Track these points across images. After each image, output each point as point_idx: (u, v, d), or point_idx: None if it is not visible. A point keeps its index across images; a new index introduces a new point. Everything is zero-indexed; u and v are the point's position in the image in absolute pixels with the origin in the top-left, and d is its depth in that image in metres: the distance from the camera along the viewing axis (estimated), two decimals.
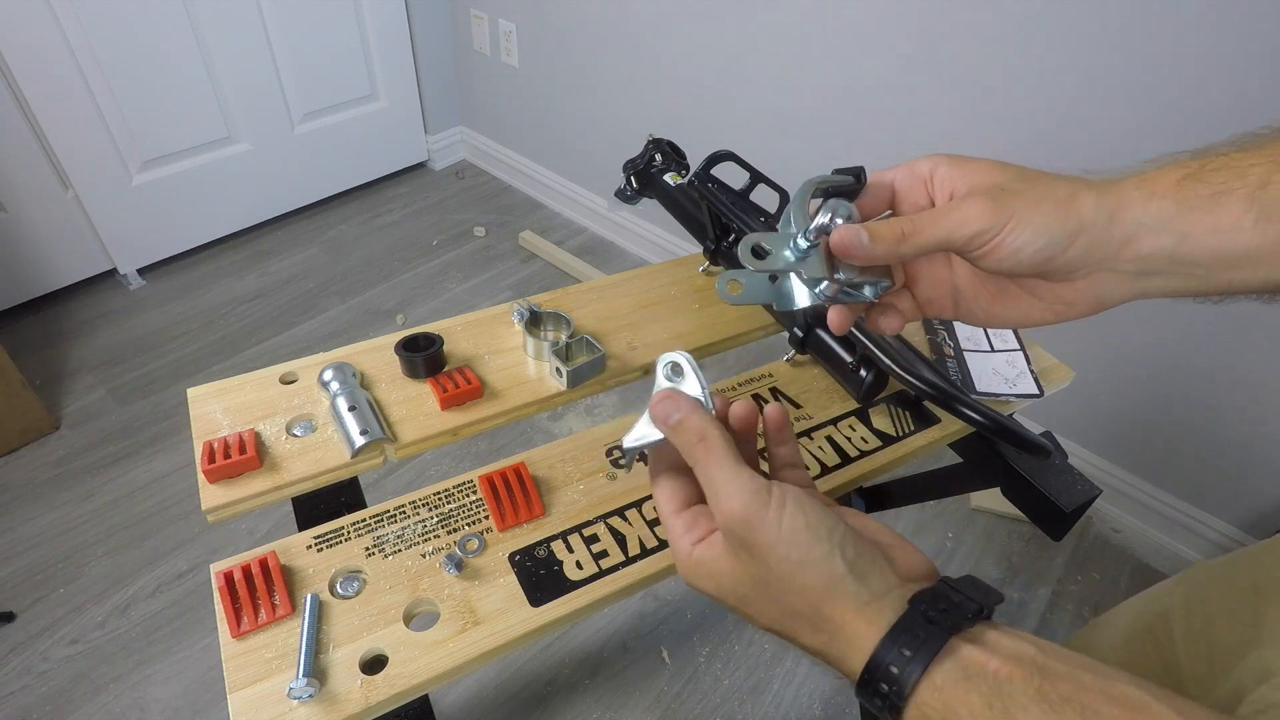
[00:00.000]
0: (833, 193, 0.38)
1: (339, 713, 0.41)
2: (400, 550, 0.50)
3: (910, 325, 0.71)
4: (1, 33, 1.36)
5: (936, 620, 0.31)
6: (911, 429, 0.62)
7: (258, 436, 0.55)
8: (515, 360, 0.64)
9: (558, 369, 0.60)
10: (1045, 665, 0.29)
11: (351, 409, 0.55)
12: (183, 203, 1.75)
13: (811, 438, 0.60)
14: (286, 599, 0.46)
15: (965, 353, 0.68)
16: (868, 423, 0.62)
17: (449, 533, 0.51)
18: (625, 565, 0.50)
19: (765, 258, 0.38)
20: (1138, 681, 0.27)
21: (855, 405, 0.63)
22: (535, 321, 0.65)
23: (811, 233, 0.37)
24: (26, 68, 1.41)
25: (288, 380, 0.60)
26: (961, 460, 0.71)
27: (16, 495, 1.29)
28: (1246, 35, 0.91)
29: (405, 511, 0.52)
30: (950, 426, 0.62)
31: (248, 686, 0.42)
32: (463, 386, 0.58)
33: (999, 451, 0.65)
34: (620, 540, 0.52)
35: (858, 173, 0.39)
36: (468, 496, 0.53)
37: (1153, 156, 0.36)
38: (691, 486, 0.39)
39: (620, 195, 0.81)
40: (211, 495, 0.51)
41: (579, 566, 0.50)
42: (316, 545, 0.49)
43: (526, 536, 0.51)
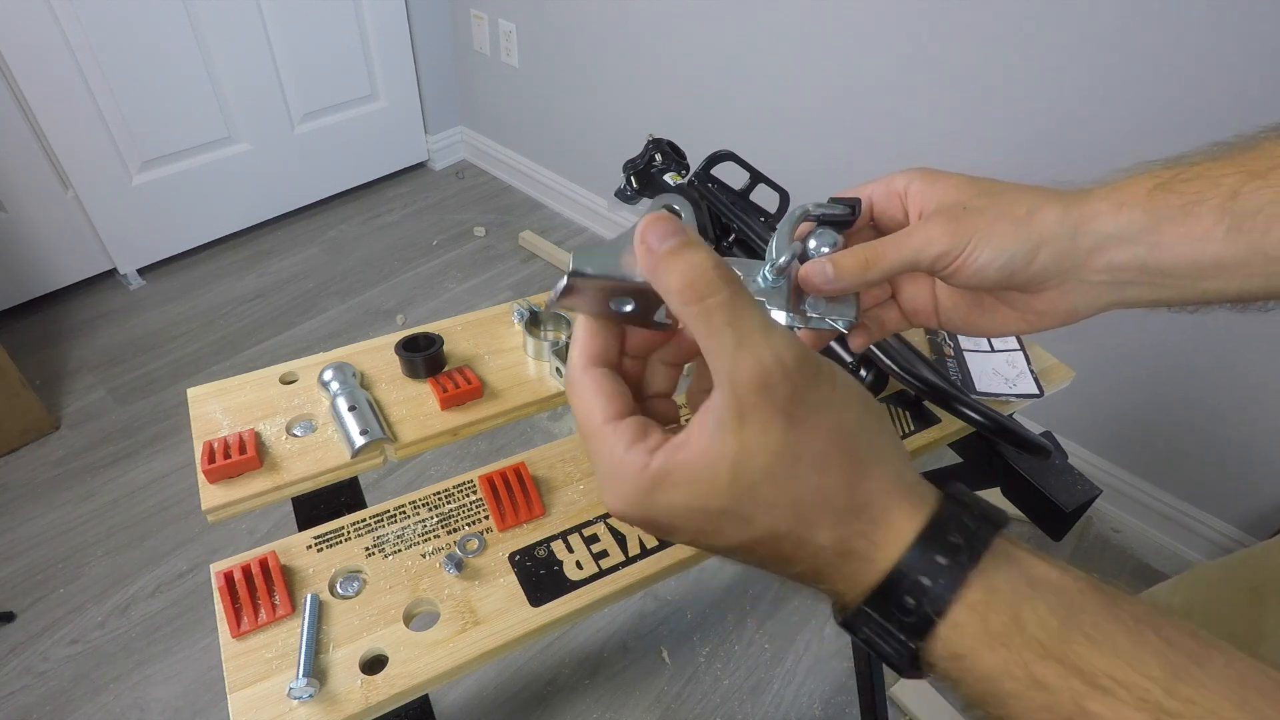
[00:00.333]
0: (825, 221, 0.38)
1: (339, 713, 0.41)
2: (400, 550, 0.50)
3: None
4: (1, 33, 1.36)
5: (984, 515, 0.26)
6: (911, 429, 0.62)
7: (258, 436, 0.55)
8: (515, 360, 0.64)
9: (558, 369, 0.60)
10: (1102, 586, 0.25)
11: (351, 409, 0.55)
12: (183, 203, 1.75)
13: None
14: (286, 599, 0.46)
15: (965, 353, 0.68)
16: None
17: (449, 533, 0.51)
18: (625, 565, 0.50)
19: None
20: (1202, 630, 0.24)
21: None
22: (535, 321, 0.65)
23: (773, 270, 0.36)
24: (26, 68, 1.41)
25: (288, 380, 0.60)
26: (961, 460, 0.71)
27: (16, 495, 1.29)
28: (1246, 35, 0.91)
29: (405, 511, 0.52)
30: (950, 426, 0.62)
31: (248, 686, 0.42)
32: (463, 386, 0.58)
33: (999, 451, 0.65)
34: (620, 540, 0.52)
35: (854, 204, 0.38)
36: (468, 496, 0.53)
37: (1131, 163, 0.36)
38: (628, 394, 0.29)
39: (620, 195, 0.81)
40: (211, 495, 0.51)
41: (579, 566, 0.50)
42: (316, 545, 0.49)
43: (526, 536, 0.51)
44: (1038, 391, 0.64)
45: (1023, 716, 0.23)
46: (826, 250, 0.36)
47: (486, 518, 0.52)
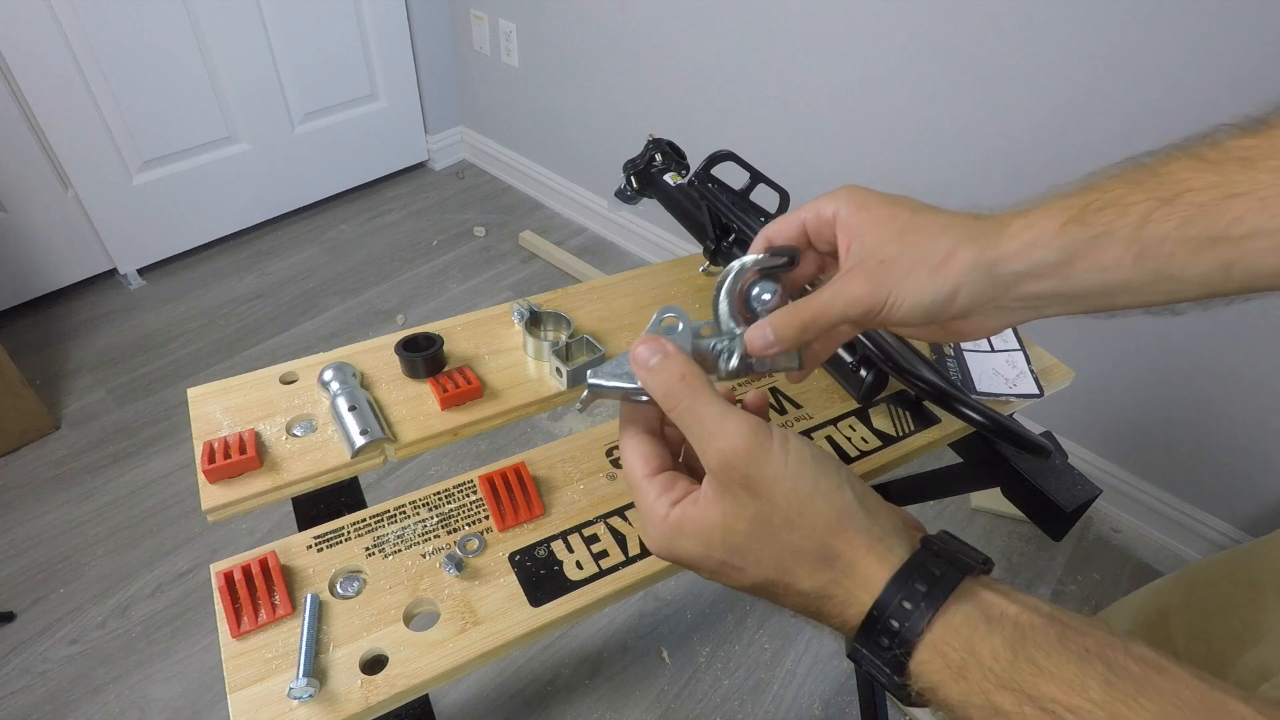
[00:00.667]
0: (765, 274, 0.40)
1: (339, 713, 0.41)
2: (400, 550, 0.50)
3: None
4: (1, 33, 1.36)
5: (952, 560, 0.30)
6: (911, 429, 0.62)
7: (258, 436, 0.55)
8: (515, 360, 0.64)
9: (558, 369, 0.60)
10: (1062, 619, 0.28)
11: (351, 409, 0.55)
12: (183, 203, 1.75)
13: (811, 438, 0.60)
14: (286, 599, 0.46)
15: (965, 353, 0.68)
16: (868, 423, 0.62)
17: (449, 533, 0.51)
18: (625, 565, 0.50)
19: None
20: (1150, 644, 0.27)
21: (855, 405, 0.63)
22: (535, 321, 0.65)
23: (726, 336, 0.39)
24: (26, 68, 1.41)
25: (288, 380, 0.60)
26: (961, 460, 0.71)
27: (16, 495, 1.29)
28: (1243, 24, 0.91)
29: (405, 511, 0.52)
30: (950, 426, 0.62)
31: (248, 686, 0.42)
32: (463, 386, 0.58)
33: (999, 451, 0.65)
34: (620, 540, 0.52)
35: (792, 253, 0.40)
36: (468, 496, 0.53)
37: (1045, 190, 0.37)
38: (665, 453, 0.37)
39: (620, 195, 0.81)
40: (211, 495, 0.51)
41: (579, 566, 0.50)
42: (316, 545, 0.49)
43: (526, 536, 0.51)
44: (1038, 391, 0.64)
45: None
46: (768, 298, 0.40)
47: (486, 518, 0.52)
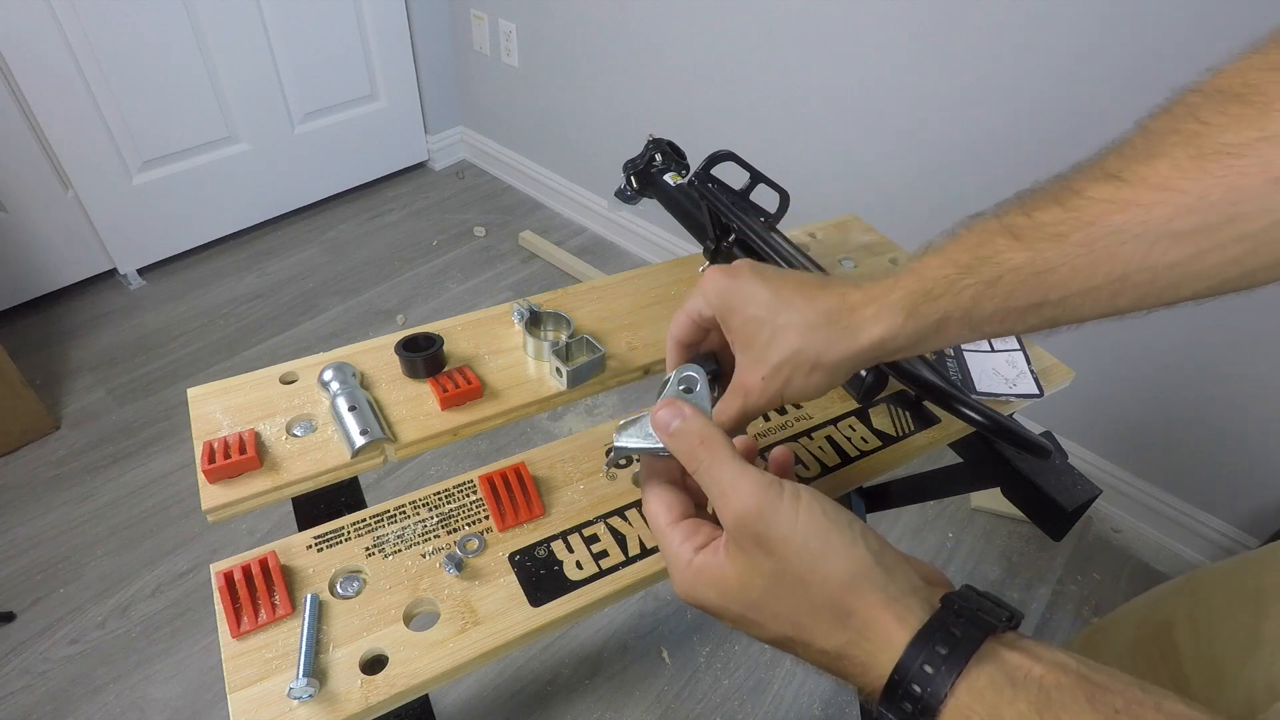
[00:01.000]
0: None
1: (339, 713, 0.41)
2: (400, 550, 0.50)
3: None
4: (1, 33, 1.36)
5: (973, 620, 0.29)
6: (911, 429, 0.62)
7: (258, 436, 0.55)
8: (515, 360, 0.64)
9: (558, 369, 0.60)
10: (1091, 676, 0.27)
11: (351, 409, 0.55)
12: (183, 203, 1.75)
13: (811, 438, 0.60)
14: (286, 599, 0.46)
15: (965, 353, 0.68)
16: (868, 423, 0.62)
17: (449, 533, 0.51)
18: (625, 565, 0.50)
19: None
20: (1186, 700, 0.27)
21: (855, 405, 0.63)
22: (535, 321, 0.65)
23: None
24: (26, 68, 1.41)
25: (288, 380, 0.60)
26: (961, 460, 0.71)
27: (16, 495, 1.29)
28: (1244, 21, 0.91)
29: (405, 511, 0.52)
30: (950, 426, 0.62)
31: (248, 686, 0.42)
32: (463, 386, 0.58)
33: (999, 451, 0.65)
34: (620, 540, 0.52)
35: (716, 361, 0.45)
36: (468, 496, 0.53)
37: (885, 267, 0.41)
38: (687, 500, 0.38)
39: (620, 195, 0.81)
40: (211, 495, 0.51)
41: (579, 566, 0.50)
42: (316, 545, 0.49)
43: (526, 536, 0.51)
44: (1038, 391, 0.64)
45: None
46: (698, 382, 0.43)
47: (486, 518, 0.52)
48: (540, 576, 0.49)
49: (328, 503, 0.55)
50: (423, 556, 0.49)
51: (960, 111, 1.21)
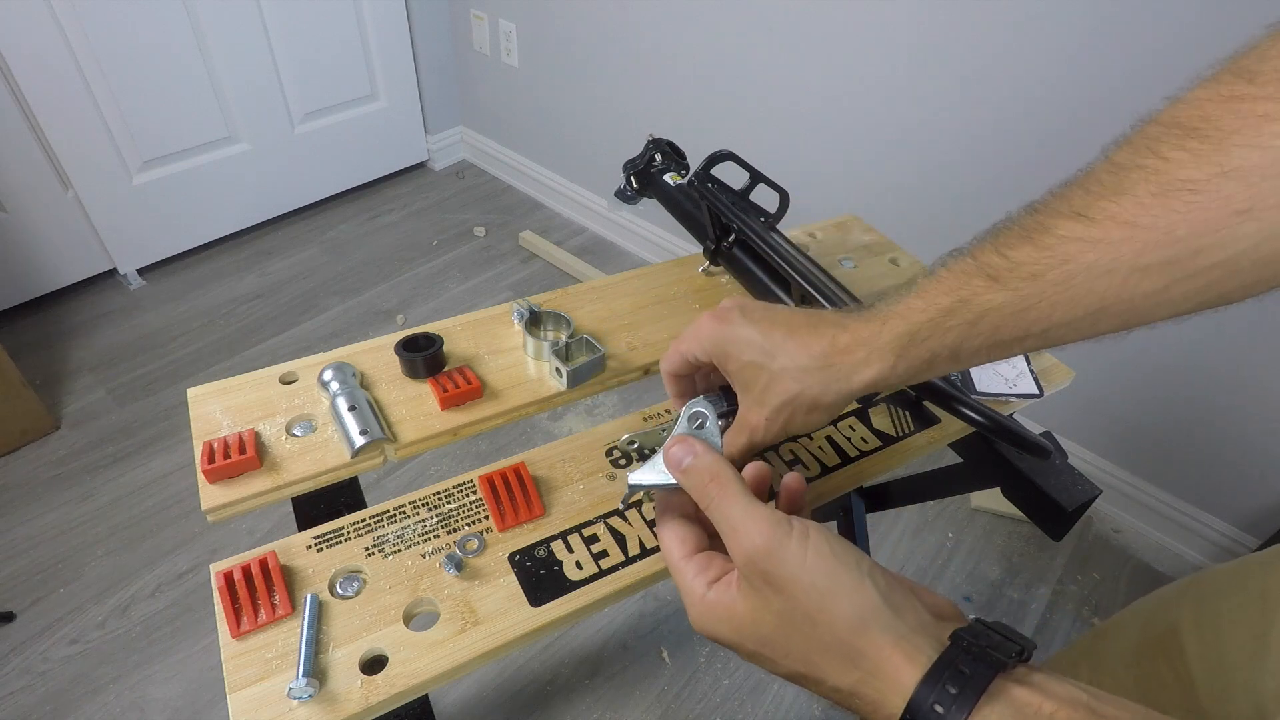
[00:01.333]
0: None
1: (339, 713, 0.41)
2: (400, 550, 0.50)
3: None
4: (2, 33, 1.36)
5: (982, 657, 0.29)
6: (911, 429, 0.62)
7: (258, 436, 0.55)
8: (515, 360, 0.63)
9: (558, 369, 0.60)
10: (1101, 710, 0.27)
11: (351, 409, 0.55)
12: (183, 203, 1.75)
13: (811, 438, 0.60)
14: (286, 599, 0.46)
15: None
16: (868, 423, 0.62)
17: (449, 533, 0.51)
18: (625, 565, 0.50)
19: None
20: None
21: (855, 405, 0.63)
22: (535, 321, 0.65)
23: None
24: (26, 68, 1.41)
25: (288, 380, 0.60)
26: (961, 460, 0.71)
27: (16, 495, 1.29)
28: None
29: (405, 511, 0.52)
30: (950, 426, 0.62)
31: (248, 686, 0.42)
32: (463, 386, 0.58)
33: (999, 451, 0.65)
34: (620, 540, 0.52)
35: (731, 399, 0.46)
36: (468, 496, 0.53)
37: (873, 295, 0.43)
38: (701, 534, 0.39)
39: (620, 195, 0.81)
40: (211, 495, 0.51)
41: (579, 566, 0.50)
42: (316, 545, 0.49)
43: (526, 536, 0.51)
44: (1038, 391, 0.64)
45: None
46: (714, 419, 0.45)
47: (486, 518, 0.52)
48: (540, 576, 0.49)
49: (328, 503, 0.55)
50: (423, 556, 0.49)
51: (960, 111, 1.21)
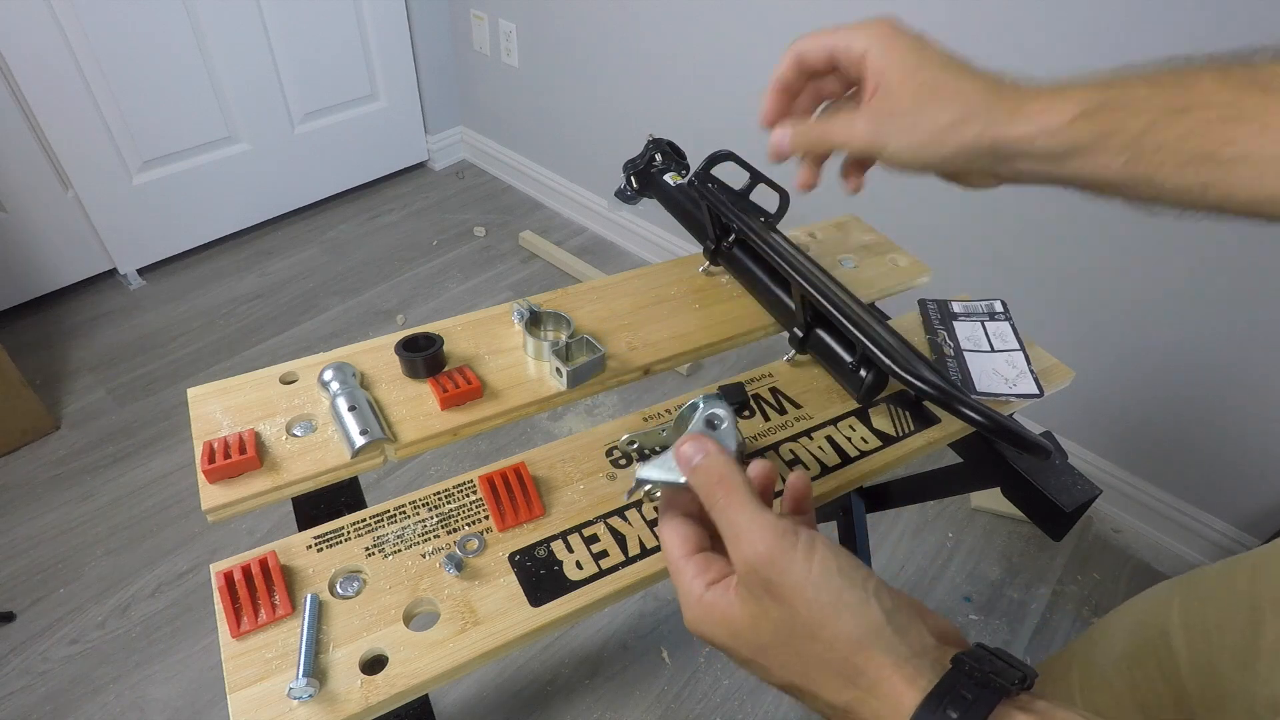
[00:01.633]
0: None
1: (339, 713, 0.41)
2: (400, 550, 0.50)
3: (910, 325, 0.71)
4: (2, 33, 1.36)
5: (985, 683, 0.28)
6: (911, 429, 0.62)
7: (258, 436, 0.55)
8: (515, 360, 0.63)
9: (558, 369, 0.60)
10: None
11: (351, 409, 0.55)
12: (183, 203, 1.75)
13: (811, 438, 0.60)
14: (286, 599, 0.46)
15: (965, 353, 0.68)
16: (868, 423, 0.62)
17: (449, 533, 0.51)
18: (625, 565, 0.50)
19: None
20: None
21: (855, 405, 0.63)
22: (535, 321, 0.65)
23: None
24: (26, 68, 1.41)
25: (288, 380, 0.60)
26: (961, 460, 0.71)
27: (16, 495, 1.29)
28: (1249, 14, 0.91)
29: (405, 511, 0.52)
30: (950, 426, 0.62)
31: (248, 686, 0.42)
32: (463, 386, 0.58)
33: (999, 451, 0.65)
34: (620, 540, 0.52)
35: (742, 400, 0.48)
36: (468, 496, 0.53)
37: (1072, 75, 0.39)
38: (703, 534, 0.38)
39: (620, 195, 0.81)
40: (211, 495, 0.51)
41: (579, 566, 0.50)
42: (316, 545, 0.49)
43: (526, 536, 0.51)
44: (1038, 391, 0.64)
45: None
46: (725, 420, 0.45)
47: (486, 518, 0.52)
48: (540, 576, 0.49)
49: (328, 503, 0.55)
50: (423, 556, 0.49)
51: None
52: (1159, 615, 0.60)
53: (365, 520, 0.51)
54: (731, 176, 0.71)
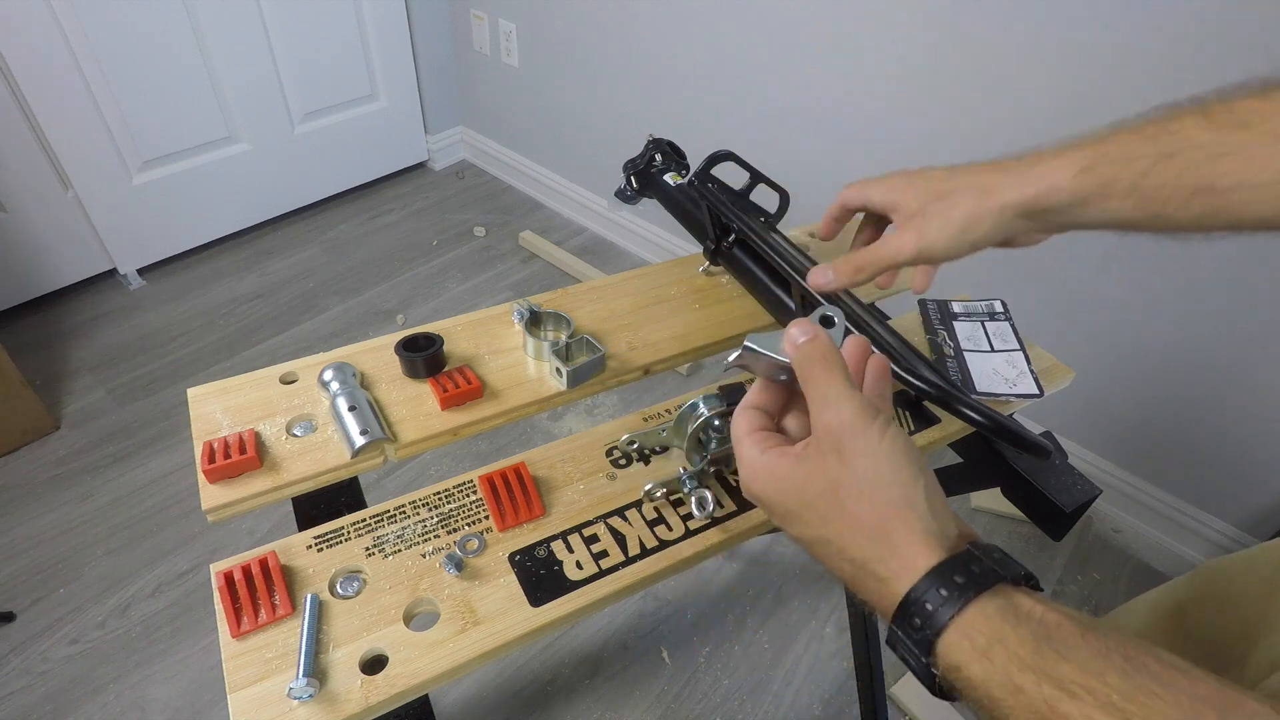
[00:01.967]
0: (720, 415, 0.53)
1: (339, 713, 0.41)
2: (400, 550, 0.50)
3: (910, 325, 0.71)
4: (2, 33, 1.36)
5: (993, 564, 0.32)
6: (911, 429, 0.62)
7: (258, 436, 0.55)
8: (515, 360, 0.64)
9: (558, 369, 0.60)
10: (1091, 623, 0.30)
11: (351, 409, 0.55)
12: (183, 203, 1.75)
13: None
14: (286, 599, 0.46)
15: (965, 353, 0.68)
16: None
17: (449, 533, 0.51)
18: (625, 565, 0.50)
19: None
20: (1168, 644, 0.29)
21: None
22: (535, 321, 0.65)
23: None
24: (26, 68, 1.41)
25: (288, 380, 0.60)
26: (961, 460, 0.71)
27: (16, 495, 1.29)
28: (1247, 16, 0.91)
29: (405, 511, 0.52)
30: (950, 426, 0.62)
31: (248, 686, 0.42)
32: (463, 386, 0.58)
33: (999, 451, 0.65)
34: (620, 540, 0.52)
35: (735, 399, 0.51)
36: (468, 496, 0.53)
37: (1062, 139, 0.46)
38: (769, 424, 0.41)
39: (620, 195, 0.81)
40: (211, 495, 0.51)
41: (579, 566, 0.50)
42: (316, 545, 0.49)
43: (526, 536, 0.51)
44: (1038, 391, 0.64)
45: (1009, 715, 0.29)
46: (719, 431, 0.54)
47: (486, 518, 0.52)
48: (540, 576, 0.49)
49: (328, 503, 0.55)
50: (423, 556, 0.49)
51: (960, 111, 1.21)
52: (1175, 596, 0.61)
53: (365, 520, 0.51)
54: (731, 176, 0.71)
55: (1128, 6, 0.99)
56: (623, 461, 0.57)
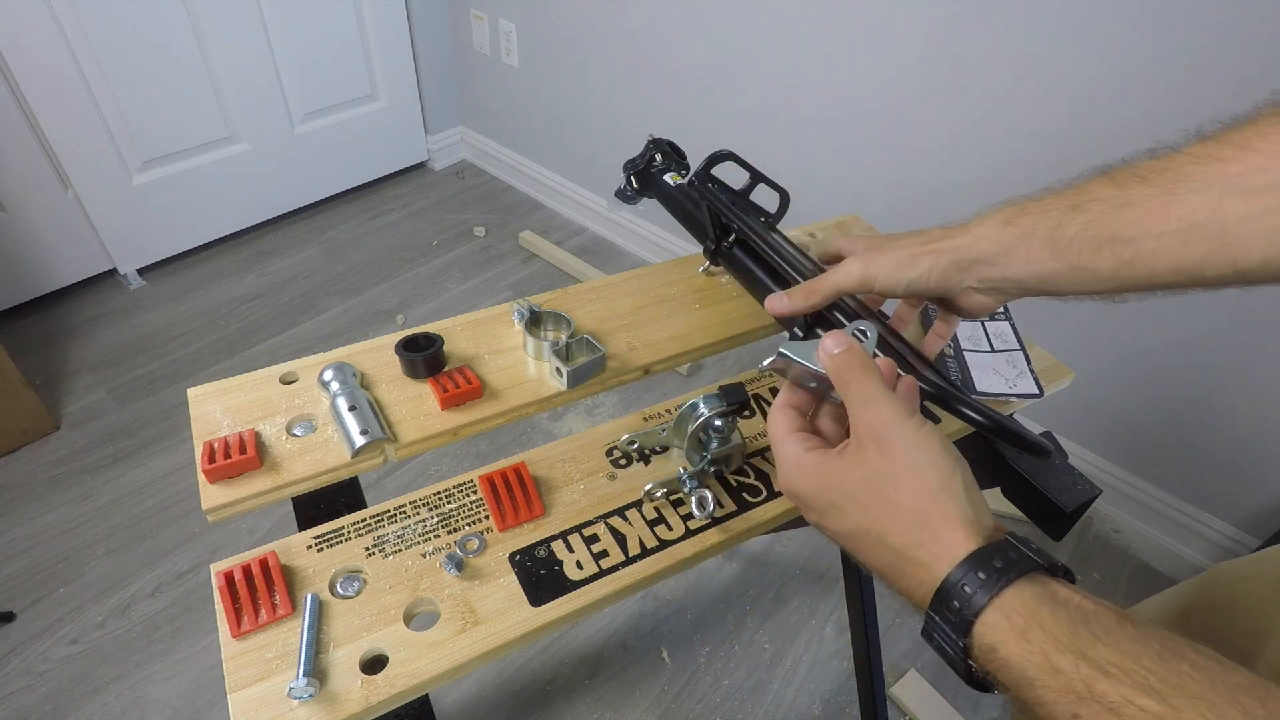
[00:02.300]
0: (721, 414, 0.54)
1: (339, 713, 0.41)
2: (400, 550, 0.50)
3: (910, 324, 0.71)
4: (2, 33, 1.36)
5: (1030, 553, 0.33)
6: None
7: (258, 436, 0.55)
8: (515, 360, 0.64)
9: (558, 369, 0.60)
10: (1126, 613, 0.30)
11: (352, 409, 0.55)
12: (183, 203, 1.75)
13: None
14: (286, 599, 0.46)
15: (965, 353, 0.68)
16: None
17: (449, 533, 0.51)
18: (625, 565, 0.50)
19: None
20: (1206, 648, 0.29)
21: None
22: (535, 321, 0.65)
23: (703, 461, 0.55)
24: (26, 68, 1.41)
25: (288, 380, 0.60)
26: None
27: (16, 495, 1.29)
28: (1251, 24, 0.91)
29: (405, 511, 0.52)
30: (950, 426, 0.62)
31: (248, 686, 0.42)
32: (463, 386, 0.58)
33: (999, 451, 0.65)
34: (620, 540, 0.52)
35: (742, 399, 0.54)
36: (468, 496, 0.53)
37: (992, 204, 0.51)
38: (805, 424, 0.43)
39: (620, 195, 0.81)
40: (211, 495, 0.51)
41: (579, 566, 0.50)
42: (316, 545, 0.49)
43: (526, 536, 0.51)
44: (1038, 391, 0.64)
45: (1045, 695, 0.29)
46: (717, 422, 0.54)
47: (486, 518, 0.52)
48: (540, 576, 0.49)
49: (328, 503, 0.55)
50: (423, 556, 0.49)
51: (960, 110, 1.21)
52: (1183, 598, 0.61)
53: (365, 520, 0.51)
54: (731, 176, 0.71)
55: (1125, 11, 0.99)
56: (623, 461, 0.57)
